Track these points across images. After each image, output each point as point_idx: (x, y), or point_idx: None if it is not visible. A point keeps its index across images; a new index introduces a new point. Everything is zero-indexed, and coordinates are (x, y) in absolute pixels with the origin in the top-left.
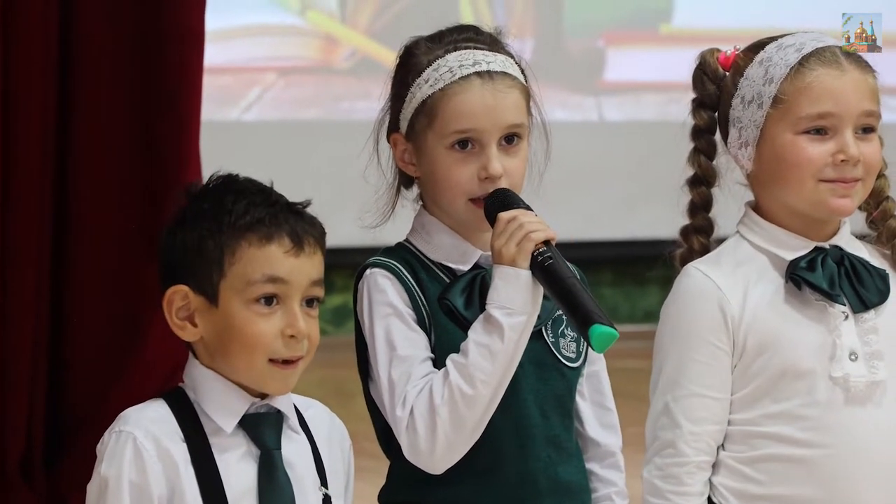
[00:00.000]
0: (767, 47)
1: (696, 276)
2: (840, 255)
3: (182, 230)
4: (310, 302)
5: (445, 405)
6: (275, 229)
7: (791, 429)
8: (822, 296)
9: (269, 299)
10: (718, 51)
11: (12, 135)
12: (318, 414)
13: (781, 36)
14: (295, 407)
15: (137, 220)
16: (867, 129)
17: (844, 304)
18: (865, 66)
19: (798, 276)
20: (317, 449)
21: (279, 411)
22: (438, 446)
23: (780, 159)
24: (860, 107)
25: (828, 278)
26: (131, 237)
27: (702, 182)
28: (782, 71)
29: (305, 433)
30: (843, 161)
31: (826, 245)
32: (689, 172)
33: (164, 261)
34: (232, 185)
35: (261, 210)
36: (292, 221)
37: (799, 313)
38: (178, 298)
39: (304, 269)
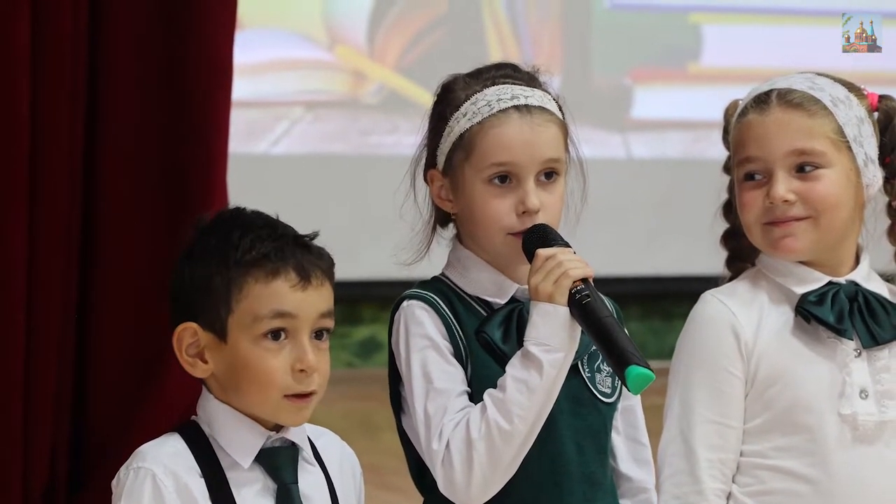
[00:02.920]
0: None
1: (712, 302)
2: (855, 291)
3: (191, 266)
4: (318, 334)
5: (482, 440)
6: (280, 264)
7: (798, 464)
8: (829, 330)
9: (275, 334)
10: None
11: (39, 166)
12: (330, 443)
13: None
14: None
15: (162, 254)
16: (802, 168)
17: (852, 339)
18: (796, 105)
19: (805, 309)
20: (330, 479)
21: (294, 444)
22: (474, 481)
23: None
24: (785, 147)
25: (836, 313)
26: (155, 270)
27: None
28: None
29: (319, 463)
30: (771, 204)
31: (842, 280)
32: None
33: (174, 296)
34: (238, 220)
35: (266, 245)
36: (299, 255)
37: (809, 349)
38: (188, 335)
39: (312, 301)
